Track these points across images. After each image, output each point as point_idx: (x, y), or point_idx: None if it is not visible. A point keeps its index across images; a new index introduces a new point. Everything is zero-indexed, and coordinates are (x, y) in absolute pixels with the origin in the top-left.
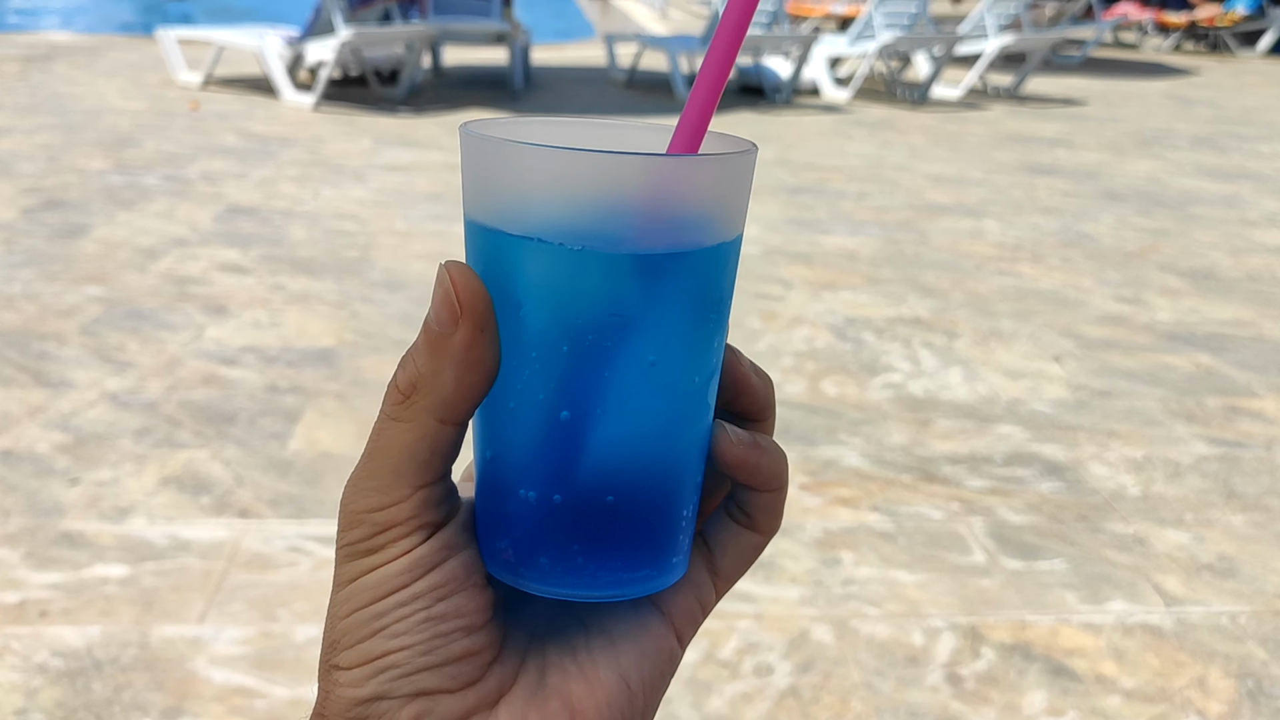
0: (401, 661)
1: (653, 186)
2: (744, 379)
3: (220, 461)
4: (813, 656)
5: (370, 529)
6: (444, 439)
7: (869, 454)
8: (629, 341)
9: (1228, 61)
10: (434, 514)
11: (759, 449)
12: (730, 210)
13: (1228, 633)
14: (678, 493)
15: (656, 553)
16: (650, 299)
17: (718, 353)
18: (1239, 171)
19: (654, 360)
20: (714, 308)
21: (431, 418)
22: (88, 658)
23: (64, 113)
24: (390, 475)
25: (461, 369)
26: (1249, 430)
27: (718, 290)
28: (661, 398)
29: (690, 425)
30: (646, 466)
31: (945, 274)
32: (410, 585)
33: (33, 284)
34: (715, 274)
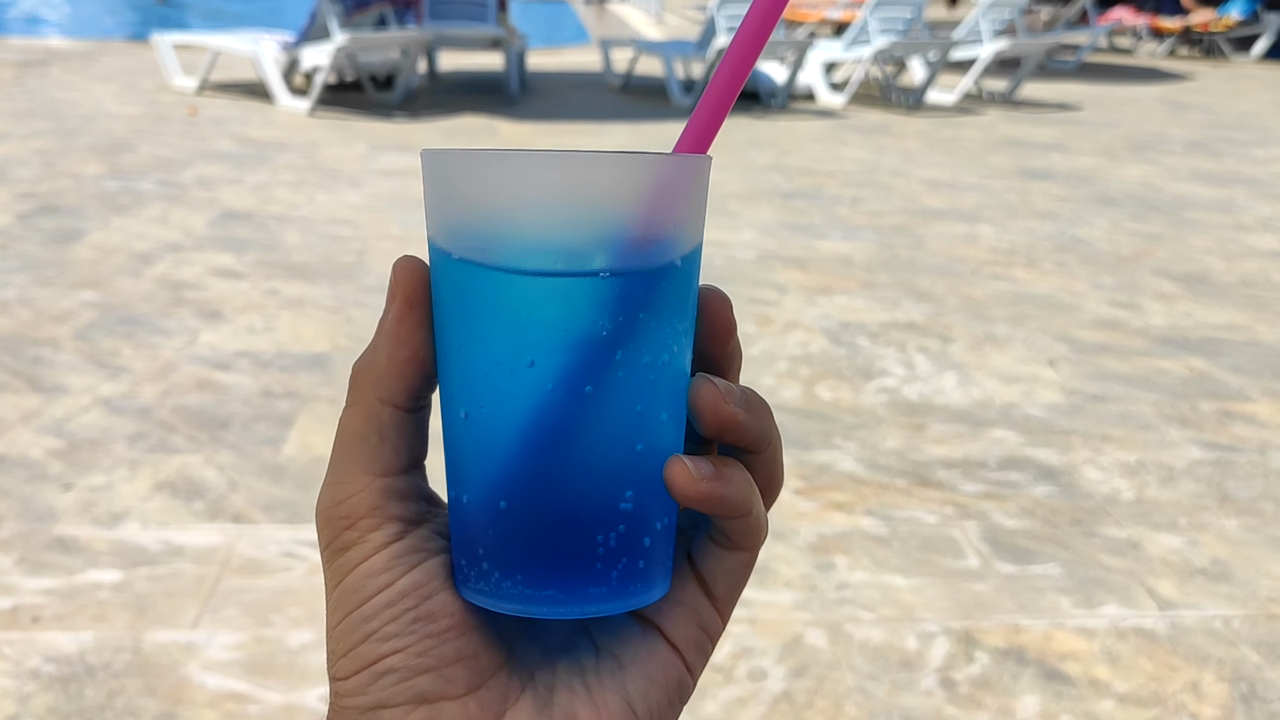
0: (397, 665)
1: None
2: (730, 419)
3: (214, 467)
4: (806, 661)
5: (338, 525)
6: (387, 420)
7: (863, 459)
8: (571, 362)
9: (1222, 66)
10: (400, 508)
11: (721, 479)
12: (680, 223)
13: (1221, 637)
14: (652, 505)
15: (591, 571)
16: (592, 320)
17: (671, 376)
18: (1233, 176)
19: (590, 389)
20: (681, 312)
21: (372, 396)
22: (80, 663)
23: (59, 118)
24: (346, 464)
25: (392, 344)
26: (1242, 434)
27: (687, 293)
28: (602, 419)
29: (645, 446)
30: (598, 485)
31: (940, 279)
32: (393, 584)
33: (27, 289)
34: (693, 277)
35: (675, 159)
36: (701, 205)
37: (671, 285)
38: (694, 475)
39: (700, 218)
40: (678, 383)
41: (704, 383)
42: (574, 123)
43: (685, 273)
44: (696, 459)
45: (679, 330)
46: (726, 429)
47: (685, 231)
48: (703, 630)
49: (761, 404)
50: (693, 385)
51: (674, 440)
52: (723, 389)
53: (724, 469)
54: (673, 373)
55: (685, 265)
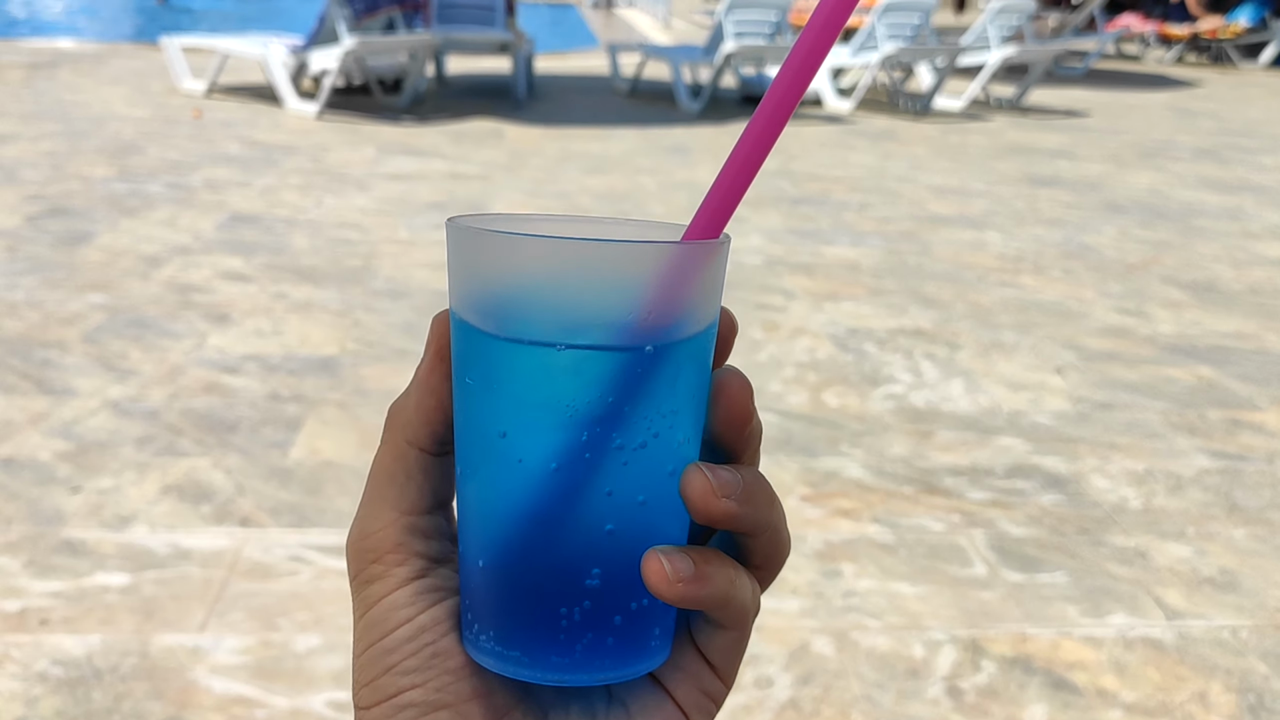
0: (417, 700)
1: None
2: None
3: (221, 470)
4: (813, 669)
5: (365, 558)
6: (414, 462)
7: (870, 465)
8: (537, 438)
9: (1230, 73)
10: (424, 546)
11: (698, 581)
12: (701, 304)
13: (1229, 647)
14: (624, 585)
15: (602, 644)
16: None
17: (651, 460)
18: (1241, 184)
19: (556, 466)
20: (665, 401)
21: (400, 438)
22: (88, 666)
23: (68, 120)
24: (375, 499)
25: (422, 392)
26: (1250, 443)
27: (671, 382)
28: (568, 498)
29: (616, 527)
30: (562, 561)
31: (947, 285)
32: (413, 619)
33: (36, 291)
34: (676, 368)
35: (662, 253)
36: (704, 294)
37: (649, 370)
38: (669, 576)
39: (702, 306)
40: (661, 466)
41: (696, 475)
42: (581, 127)
43: (667, 358)
44: (675, 555)
45: (662, 414)
46: (717, 521)
47: (671, 320)
48: (705, 694)
49: (761, 491)
50: (684, 475)
51: (658, 523)
52: (715, 482)
53: (704, 566)
54: (654, 457)
55: (670, 351)
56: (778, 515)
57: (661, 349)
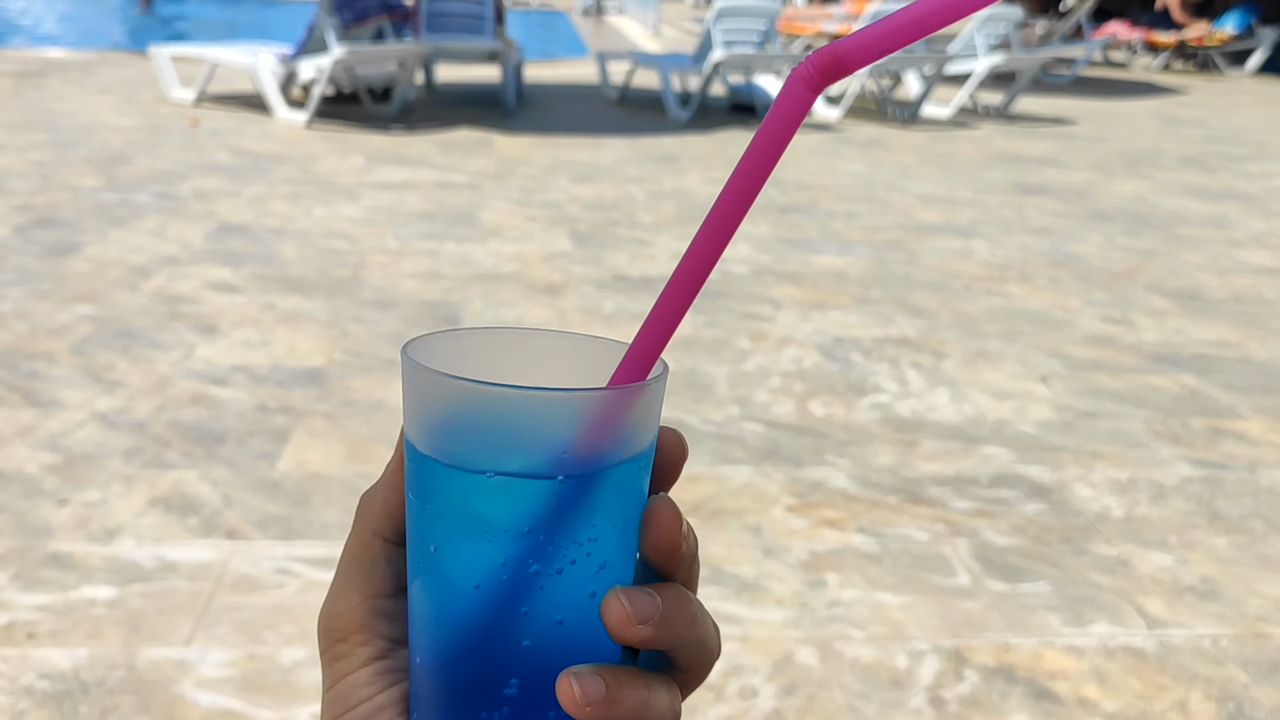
0: None
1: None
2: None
3: (209, 482)
4: (797, 679)
5: (333, 636)
6: (379, 551)
7: (856, 475)
8: (460, 557)
9: (1216, 81)
10: (388, 628)
11: (608, 705)
12: (624, 438)
13: (1209, 655)
14: (542, 696)
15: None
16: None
17: (570, 584)
18: (1226, 191)
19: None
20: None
21: (367, 529)
22: (74, 680)
23: (57, 129)
24: (344, 582)
25: (387, 490)
26: (1233, 452)
27: (591, 511)
28: (489, 613)
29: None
30: (484, 669)
31: (934, 294)
32: (373, 699)
33: (23, 302)
34: (597, 496)
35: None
36: (627, 430)
37: (567, 501)
38: (578, 700)
39: (625, 440)
40: (580, 589)
41: (612, 601)
42: (570, 136)
43: (586, 491)
44: (586, 679)
45: (579, 541)
46: (636, 645)
47: (593, 455)
48: None
49: (680, 613)
50: (604, 601)
51: (574, 640)
52: (631, 610)
53: (617, 690)
54: (570, 582)
55: (589, 483)
56: (700, 631)
57: (581, 481)
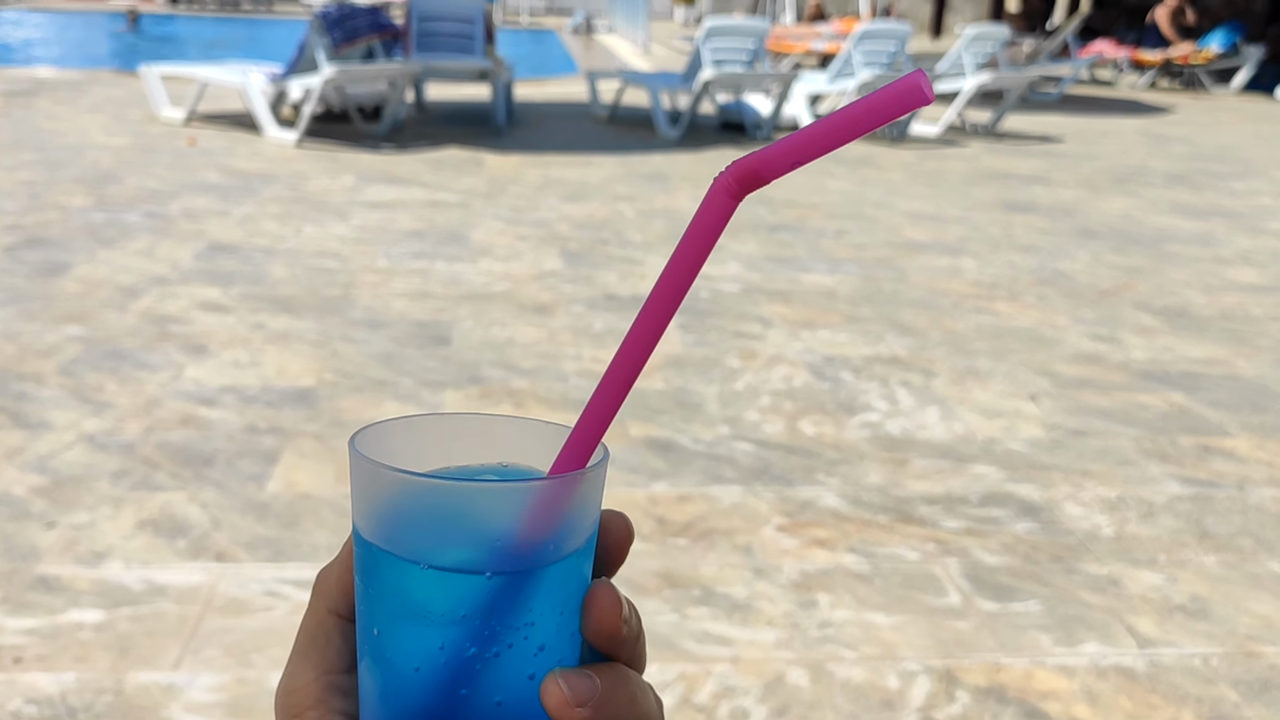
0: None
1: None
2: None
3: (197, 504)
4: (788, 700)
5: (289, 711)
6: (334, 628)
7: (846, 494)
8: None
9: (1202, 99)
10: (342, 703)
11: None
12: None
13: (1200, 675)
14: None
15: None
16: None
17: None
18: (1213, 209)
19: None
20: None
21: (323, 606)
22: (62, 705)
23: (46, 149)
24: (299, 658)
25: (341, 568)
26: (1221, 470)
27: (527, 602)
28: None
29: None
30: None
31: (923, 312)
32: None
33: (12, 323)
34: (532, 591)
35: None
36: (567, 521)
37: (502, 593)
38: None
39: (564, 533)
40: (516, 672)
41: (551, 684)
42: (560, 154)
43: (523, 584)
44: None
45: (515, 627)
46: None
47: (530, 549)
48: None
49: (619, 694)
50: (542, 685)
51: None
52: (569, 693)
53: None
54: (508, 664)
55: (527, 577)
56: (640, 710)
57: (521, 575)
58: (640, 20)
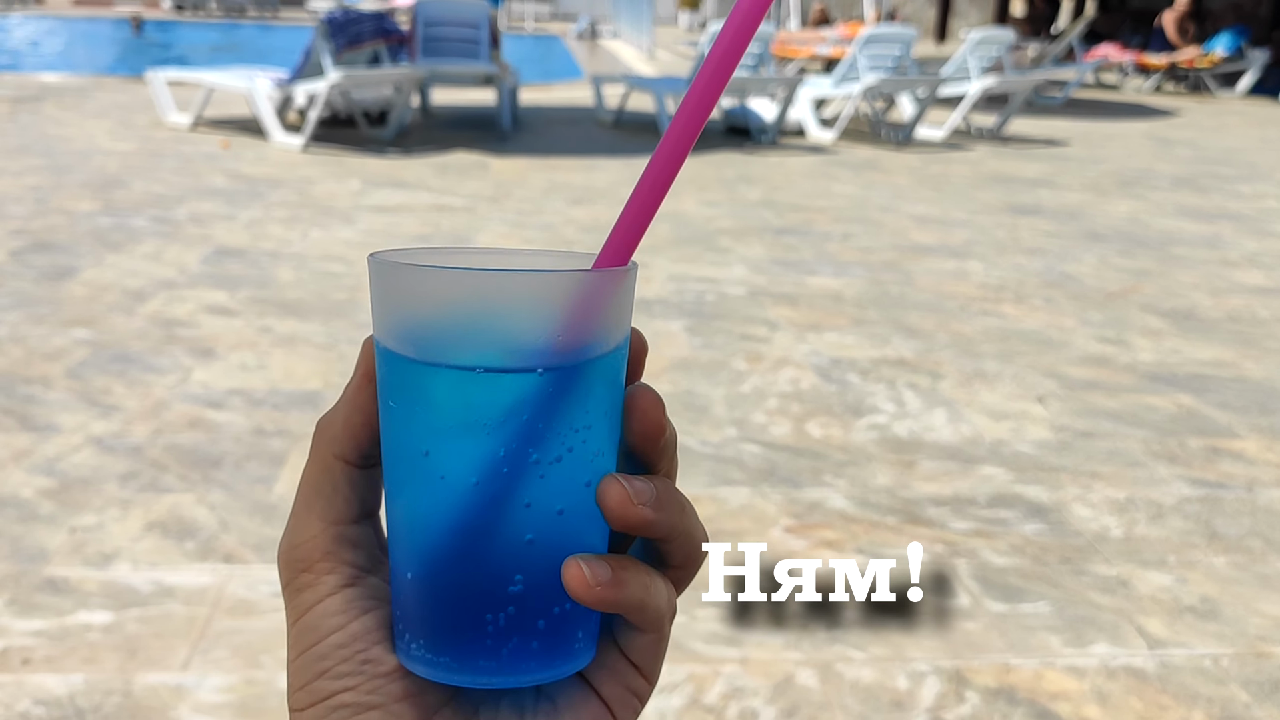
0: (348, 701)
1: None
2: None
3: (205, 506)
4: (798, 701)
5: (295, 567)
6: (340, 474)
7: (854, 496)
8: (458, 455)
9: (1208, 102)
10: (353, 555)
11: (616, 585)
12: (609, 326)
13: (1210, 675)
14: (546, 592)
15: (527, 648)
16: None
17: (567, 472)
18: (1219, 212)
19: (476, 481)
20: (578, 417)
21: (328, 451)
22: (70, 706)
23: (52, 154)
24: (303, 510)
25: (349, 409)
26: (1230, 471)
27: (583, 400)
28: (489, 510)
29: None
30: (486, 570)
31: (929, 315)
32: (345, 627)
33: (19, 327)
34: (587, 387)
35: (564, 284)
36: (610, 317)
37: (561, 390)
38: (588, 581)
39: (610, 328)
40: (576, 478)
41: (612, 484)
42: (566, 158)
43: (579, 378)
44: (594, 562)
45: (575, 429)
46: (634, 528)
47: (582, 344)
48: (629, 690)
49: (673, 499)
50: (601, 485)
51: (577, 531)
52: (631, 491)
53: (621, 573)
54: (569, 469)
55: (581, 371)
56: (689, 520)
57: (573, 369)
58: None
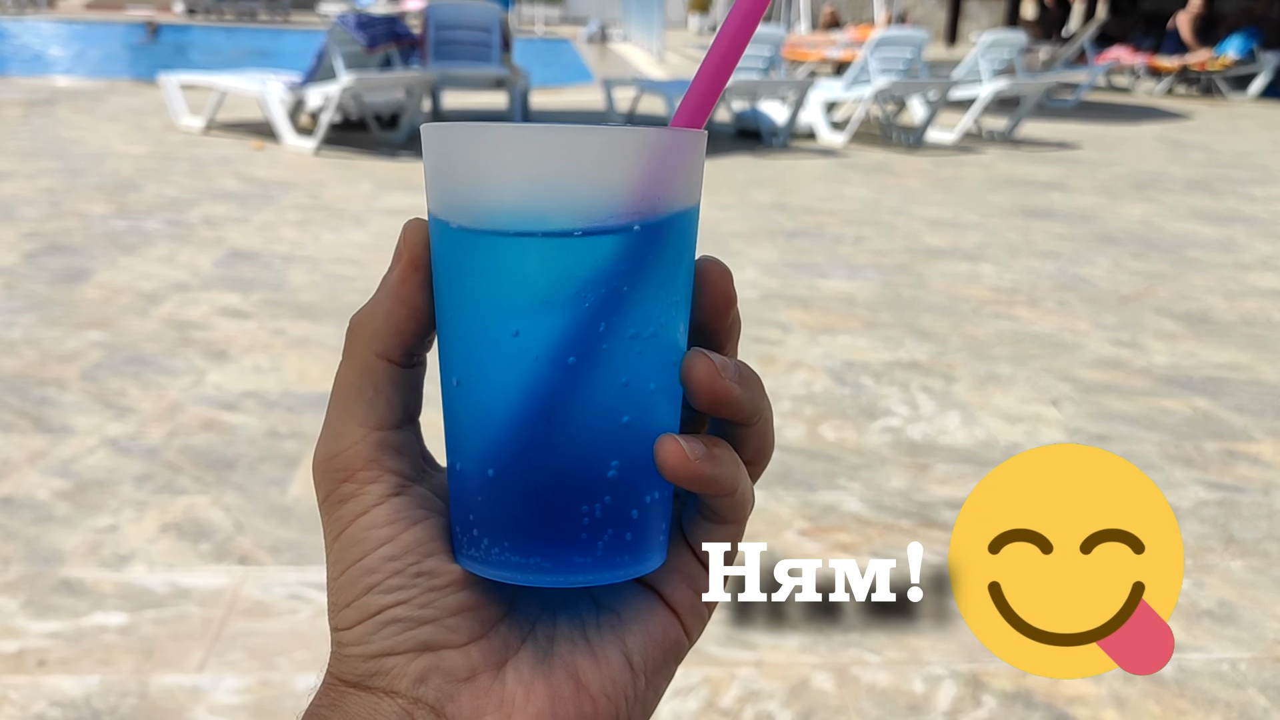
0: (401, 615)
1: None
2: (725, 394)
3: (220, 508)
4: (814, 704)
5: (336, 477)
6: (383, 374)
7: (868, 499)
8: (553, 332)
9: (1220, 105)
10: (396, 462)
11: (712, 460)
12: (690, 184)
13: (1228, 680)
14: (639, 478)
15: (621, 540)
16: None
17: (660, 348)
18: (1233, 215)
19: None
20: (669, 285)
21: (368, 350)
22: (86, 708)
23: (66, 157)
24: (342, 416)
25: (392, 302)
26: (1246, 474)
27: (674, 263)
28: (586, 391)
29: (631, 418)
30: (582, 456)
31: (942, 317)
32: (395, 539)
33: (34, 329)
34: (676, 245)
35: (650, 135)
36: (691, 175)
37: (655, 247)
38: (687, 455)
39: (691, 186)
40: (667, 355)
41: (699, 357)
42: None
43: (669, 237)
44: (689, 438)
45: (667, 302)
46: (721, 405)
47: (668, 199)
48: (697, 594)
49: (754, 378)
50: (687, 360)
51: (665, 412)
52: (718, 364)
53: (714, 449)
54: (662, 345)
55: (669, 230)
56: (767, 402)
57: (665, 223)
58: (655, 29)
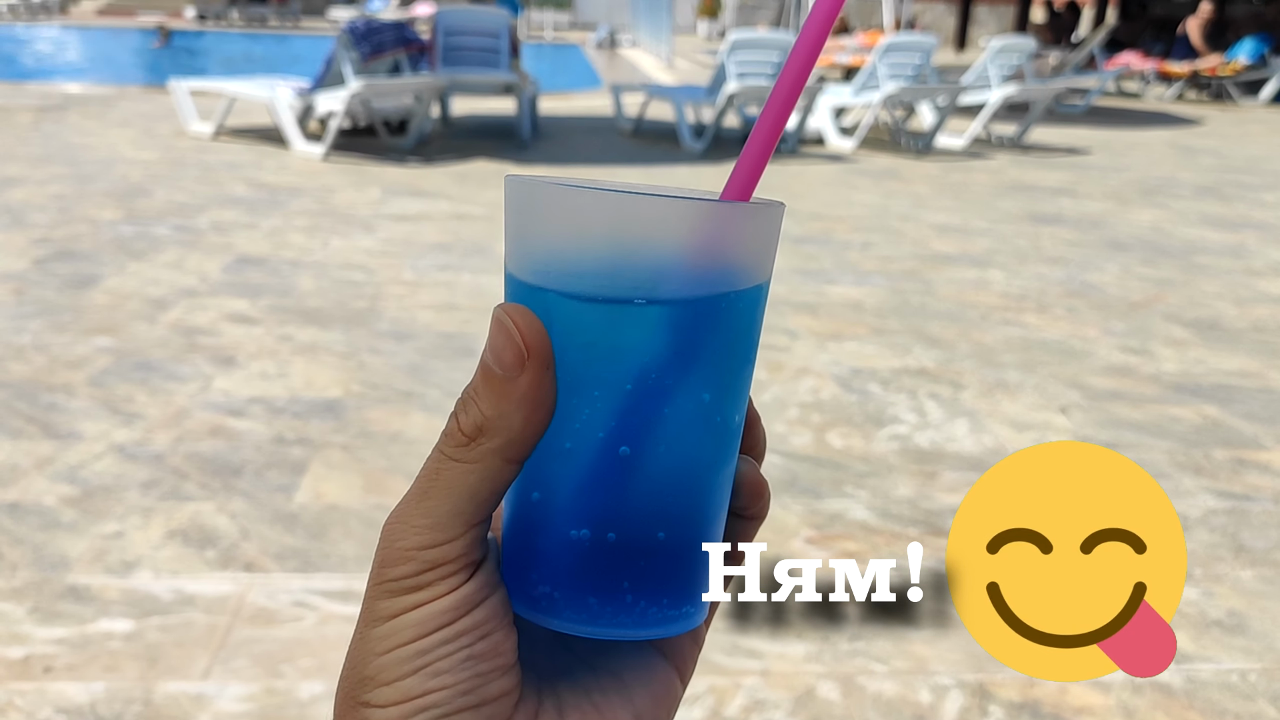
0: (442, 701)
1: (706, 233)
2: (761, 512)
3: (226, 514)
4: (819, 714)
5: (418, 566)
6: (507, 479)
7: (875, 507)
8: (686, 381)
9: (1230, 110)
10: (479, 552)
11: None
12: (767, 255)
13: (1238, 690)
14: (717, 526)
15: (696, 588)
16: (702, 341)
17: (748, 391)
18: (1243, 221)
19: (708, 398)
20: (752, 347)
21: (498, 459)
22: (91, 714)
23: (76, 163)
24: (448, 515)
25: (529, 408)
26: (1257, 483)
27: (755, 330)
28: (710, 435)
29: (729, 461)
30: (697, 502)
31: (951, 324)
32: (454, 623)
33: (42, 335)
34: (755, 314)
35: (773, 209)
36: (758, 250)
37: (717, 323)
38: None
39: (759, 261)
40: (727, 430)
41: (752, 469)
42: (585, 167)
43: (733, 311)
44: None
45: (746, 363)
46: (756, 513)
47: (769, 262)
48: (692, 639)
49: None
50: (743, 466)
51: (720, 461)
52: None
53: None
54: (720, 416)
55: (733, 304)
56: None
57: (736, 299)
58: (664, 34)
